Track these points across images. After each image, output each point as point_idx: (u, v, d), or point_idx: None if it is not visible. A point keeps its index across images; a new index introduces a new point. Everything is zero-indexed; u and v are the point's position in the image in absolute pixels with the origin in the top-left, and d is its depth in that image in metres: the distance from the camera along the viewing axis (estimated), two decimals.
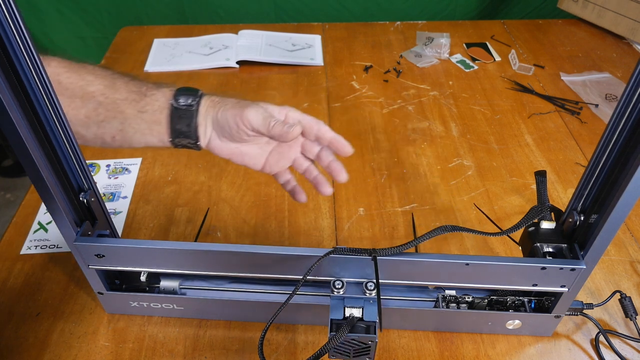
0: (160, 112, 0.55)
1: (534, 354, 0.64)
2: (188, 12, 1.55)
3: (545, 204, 0.58)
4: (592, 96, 1.07)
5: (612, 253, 0.76)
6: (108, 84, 0.55)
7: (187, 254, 0.57)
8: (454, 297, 0.63)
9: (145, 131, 0.56)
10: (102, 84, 0.55)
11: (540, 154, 0.93)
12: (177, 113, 0.55)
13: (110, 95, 0.55)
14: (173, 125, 0.55)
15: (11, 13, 0.40)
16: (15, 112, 0.42)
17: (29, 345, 0.65)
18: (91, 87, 0.54)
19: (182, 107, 0.55)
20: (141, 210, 0.83)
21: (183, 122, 0.55)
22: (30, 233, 0.79)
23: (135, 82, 0.57)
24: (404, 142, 0.96)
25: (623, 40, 1.26)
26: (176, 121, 0.55)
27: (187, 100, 0.55)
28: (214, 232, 0.79)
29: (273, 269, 0.57)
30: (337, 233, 0.79)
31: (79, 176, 0.53)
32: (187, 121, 0.55)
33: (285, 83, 1.13)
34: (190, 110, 0.55)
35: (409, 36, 1.29)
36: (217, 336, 0.66)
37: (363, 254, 0.54)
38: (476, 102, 1.07)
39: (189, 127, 0.55)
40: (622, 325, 0.67)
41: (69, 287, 0.71)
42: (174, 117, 0.55)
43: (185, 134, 0.55)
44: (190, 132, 0.55)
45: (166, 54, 1.22)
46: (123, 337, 0.65)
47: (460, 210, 0.83)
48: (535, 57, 1.20)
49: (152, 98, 0.55)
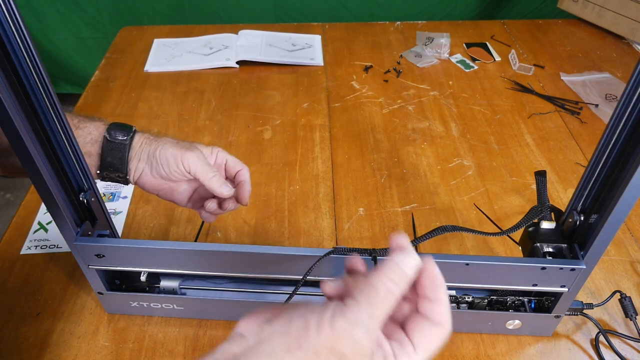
0: (92, 145, 0.56)
1: (534, 354, 0.64)
2: (188, 12, 1.55)
3: (545, 204, 0.58)
4: (592, 96, 1.07)
5: (612, 253, 0.76)
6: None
7: (187, 254, 0.57)
8: (454, 297, 0.63)
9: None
10: None
11: (540, 154, 0.93)
12: (110, 146, 0.55)
13: None
14: (104, 158, 0.56)
15: (11, 13, 0.40)
16: (15, 112, 0.42)
17: (29, 345, 0.65)
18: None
19: (115, 141, 0.55)
20: (141, 210, 0.83)
21: (115, 155, 0.56)
22: (30, 233, 0.79)
23: (69, 115, 0.56)
24: (404, 142, 0.96)
25: (623, 40, 1.26)
26: (107, 153, 0.55)
27: (121, 135, 0.56)
28: (214, 232, 0.79)
29: (273, 269, 0.57)
30: (337, 233, 0.79)
31: (79, 176, 0.53)
32: (119, 154, 0.56)
33: (285, 83, 1.13)
34: (123, 144, 0.55)
35: (409, 36, 1.29)
36: (217, 336, 0.66)
37: (363, 254, 0.54)
38: (476, 102, 1.07)
39: (121, 160, 0.56)
40: (622, 325, 0.67)
41: (69, 287, 0.71)
42: (106, 150, 0.55)
43: (116, 167, 0.56)
44: (121, 166, 0.56)
45: (166, 54, 1.22)
46: (123, 337, 0.65)
47: (460, 210, 0.83)
48: (535, 57, 1.20)
49: (84, 130, 0.56)
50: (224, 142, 0.96)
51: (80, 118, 0.57)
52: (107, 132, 0.55)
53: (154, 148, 0.57)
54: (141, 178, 0.58)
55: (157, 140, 0.58)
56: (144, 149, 0.57)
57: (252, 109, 1.05)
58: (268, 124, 1.01)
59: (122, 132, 0.56)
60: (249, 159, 0.93)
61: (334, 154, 0.94)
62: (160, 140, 0.58)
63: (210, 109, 1.05)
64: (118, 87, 1.12)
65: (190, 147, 0.58)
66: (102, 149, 0.55)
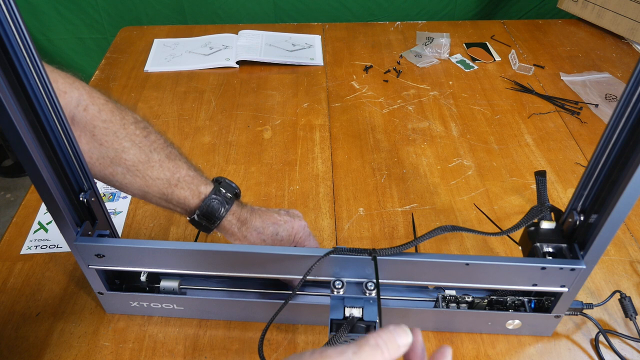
0: (183, 209, 0.58)
1: (533, 353, 0.64)
2: (188, 12, 1.55)
3: (545, 204, 0.58)
4: (592, 96, 1.07)
5: (612, 253, 0.76)
6: (144, 159, 0.55)
7: (187, 254, 0.57)
8: (454, 297, 0.63)
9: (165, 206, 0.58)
10: (137, 156, 0.55)
11: (540, 154, 0.93)
12: (199, 220, 0.58)
13: (142, 170, 0.55)
14: (192, 220, 0.58)
15: (11, 13, 0.40)
16: (15, 112, 0.42)
17: (29, 345, 0.65)
18: (125, 155, 0.55)
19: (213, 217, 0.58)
20: (141, 210, 0.83)
21: (205, 220, 0.58)
22: (30, 233, 0.79)
23: (170, 165, 0.57)
24: (404, 142, 0.96)
25: (623, 40, 1.26)
26: (200, 219, 0.58)
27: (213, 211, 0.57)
28: (214, 232, 0.79)
29: (273, 269, 0.57)
30: (337, 233, 0.79)
31: (79, 176, 0.53)
32: (210, 221, 0.58)
33: (285, 83, 1.13)
34: (213, 219, 0.58)
35: (409, 36, 1.29)
36: (217, 336, 0.66)
37: (363, 254, 0.54)
38: (476, 102, 1.07)
39: (212, 224, 0.58)
40: (622, 325, 0.67)
41: (69, 287, 0.71)
42: (198, 218, 0.58)
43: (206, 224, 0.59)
44: (210, 226, 0.59)
45: (166, 54, 1.22)
46: (123, 337, 0.65)
47: (460, 210, 0.83)
48: (535, 57, 1.20)
49: (179, 195, 0.57)
50: (223, 142, 0.96)
51: (181, 173, 0.57)
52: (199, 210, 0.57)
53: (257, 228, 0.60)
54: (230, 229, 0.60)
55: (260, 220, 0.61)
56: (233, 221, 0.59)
57: (252, 109, 1.05)
58: (268, 124, 1.01)
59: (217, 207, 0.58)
60: (249, 159, 0.93)
61: (334, 154, 0.94)
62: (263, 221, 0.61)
63: (210, 109, 1.05)
64: (118, 87, 1.12)
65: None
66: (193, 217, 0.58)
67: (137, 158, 0.55)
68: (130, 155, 0.55)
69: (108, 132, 0.54)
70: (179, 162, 0.57)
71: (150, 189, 0.56)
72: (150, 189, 0.56)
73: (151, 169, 0.55)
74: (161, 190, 0.56)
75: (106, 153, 0.54)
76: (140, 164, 0.55)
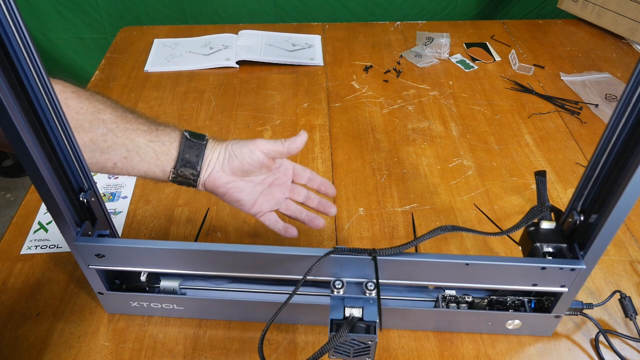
0: (171, 143, 0.59)
1: (533, 353, 0.64)
2: (188, 12, 1.55)
3: (545, 204, 0.58)
4: (592, 96, 1.07)
5: (612, 253, 0.76)
6: (119, 115, 0.58)
7: (187, 254, 0.57)
8: (454, 297, 0.63)
9: (151, 160, 0.59)
10: (114, 114, 0.58)
11: (540, 154, 0.93)
12: (188, 144, 0.59)
13: (122, 124, 0.58)
14: (182, 155, 0.59)
15: (11, 13, 0.40)
16: (15, 112, 0.42)
17: (29, 345, 0.65)
18: (102, 115, 0.57)
19: (193, 140, 0.60)
20: (141, 210, 0.83)
21: (192, 152, 0.59)
22: (30, 233, 0.79)
23: (146, 118, 0.61)
24: (404, 142, 0.96)
25: (623, 40, 1.26)
26: (186, 151, 0.59)
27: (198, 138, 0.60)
28: (214, 232, 0.79)
29: (273, 269, 0.57)
30: (337, 233, 0.79)
31: (79, 176, 0.53)
32: (196, 152, 0.59)
33: (285, 83, 1.13)
34: (200, 143, 0.60)
35: (409, 36, 1.29)
36: (217, 336, 0.66)
37: (363, 254, 0.54)
38: (476, 102, 1.07)
39: (197, 157, 0.59)
40: (622, 325, 0.67)
41: (69, 287, 0.71)
42: (185, 147, 0.59)
43: (191, 163, 0.59)
44: (196, 163, 0.59)
45: (166, 54, 1.22)
46: (123, 337, 0.65)
47: (460, 210, 0.83)
48: (535, 57, 1.20)
49: (163, 132, 0.59)
50: None
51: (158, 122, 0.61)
52: (187, 133, 0.60)
53: (226, 144, 0.61)
54: (212, 175, 0.60)
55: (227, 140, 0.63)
56: (216, 147, 0.61)
57: (252, 109, 1.05)
58: (268, 124, 1.01)
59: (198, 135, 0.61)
60: None
61: (334, 153, 0.94)
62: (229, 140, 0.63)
63: (210, 109, 1.05)
64: (118, 87, 1.12)
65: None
66: (181, 146, 0.59)
67: (113, 114, 0.58)
68: (107, 114, 0.57)
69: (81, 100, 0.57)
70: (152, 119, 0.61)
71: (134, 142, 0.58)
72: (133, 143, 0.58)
73: (129, 122, 0.58)
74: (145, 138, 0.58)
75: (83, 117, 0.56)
76: (119, 118, 0.58)
